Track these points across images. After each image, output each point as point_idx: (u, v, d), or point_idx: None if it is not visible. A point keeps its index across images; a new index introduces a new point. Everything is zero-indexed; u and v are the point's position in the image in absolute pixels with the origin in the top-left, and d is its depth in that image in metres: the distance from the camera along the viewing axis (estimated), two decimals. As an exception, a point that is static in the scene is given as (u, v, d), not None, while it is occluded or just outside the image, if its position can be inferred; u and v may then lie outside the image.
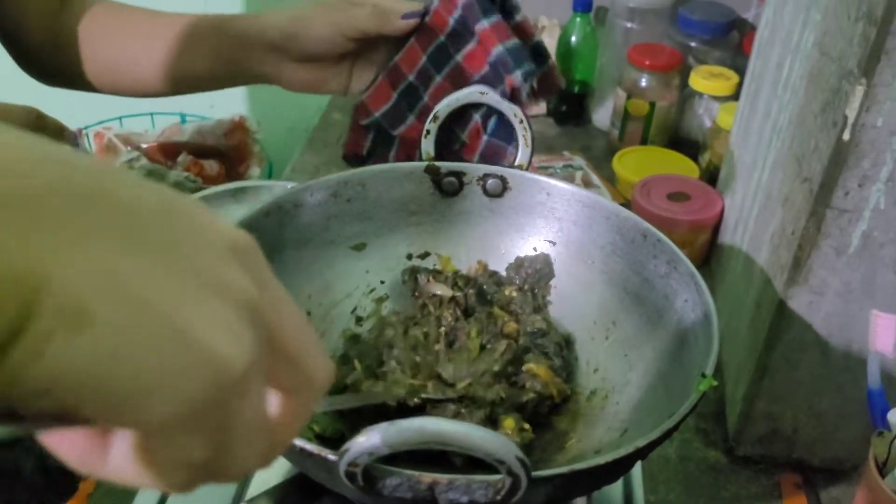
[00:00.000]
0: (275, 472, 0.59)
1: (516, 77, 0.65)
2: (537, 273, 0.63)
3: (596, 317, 0.60)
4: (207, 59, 0.75)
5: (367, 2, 0.69)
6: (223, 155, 1.30)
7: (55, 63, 0.78)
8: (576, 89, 1.22)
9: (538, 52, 0.67)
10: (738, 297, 0.79)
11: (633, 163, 1.07)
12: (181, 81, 0.79)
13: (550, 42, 1.24)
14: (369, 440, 0.36)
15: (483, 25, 0.64)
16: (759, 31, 0.87)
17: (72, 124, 1.41)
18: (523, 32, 0.66)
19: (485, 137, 0.69)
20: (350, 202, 0.65)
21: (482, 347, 0.57)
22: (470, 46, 0.68)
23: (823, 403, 0.69)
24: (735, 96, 1.06)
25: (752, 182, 0.80)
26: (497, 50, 0.65)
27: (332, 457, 0.39)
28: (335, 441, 0.55)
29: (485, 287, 0.63)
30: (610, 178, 1.09)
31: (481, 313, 0.60)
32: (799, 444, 0.72)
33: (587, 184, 1.07)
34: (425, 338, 0.59)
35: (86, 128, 1.40)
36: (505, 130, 0.69)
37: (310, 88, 0.73)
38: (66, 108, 1.16)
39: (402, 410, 0.55)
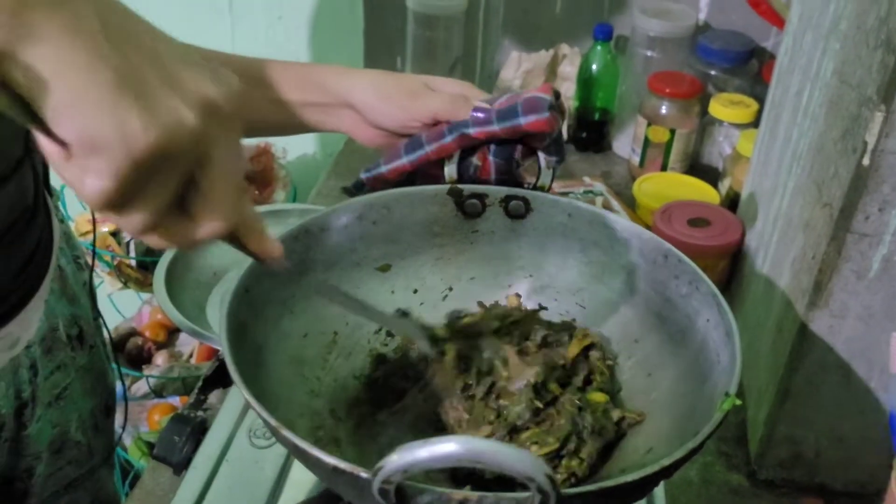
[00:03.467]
0: (301, 489, 0.60)
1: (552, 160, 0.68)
2: None
3: (618, 336, 0.61)
4: (290, 111, 0.76)
5: (445, 89, 0.72)
6: (249, 179, 1.32)
7: None
8: (596, 116, 1.24)
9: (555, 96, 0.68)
10: (758, 321, 0.79)
11: (654, 189, 1.08)
12: (253, 127, 0.78)
13: (571, 70, 1.26)
14: (403, 458, 0.37)
15: (530, 119, 0.66)
16: (778, 60, 0.88)
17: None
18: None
19: (490, 158, 0.70)
20: (375, 224, 0.66)
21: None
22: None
23: (845, 427, 0.69)
24: (755, 123, 1.07)
25: (773, 208, 0.81)
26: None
27: (364, 475, 0.40)
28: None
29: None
30: (630, 204, 1.10)
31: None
32: (821, 467, 0.72)
33: (607, 209, 1.09)
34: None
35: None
36: (505, 150, 0.70)
37: (380, 146, 0.76)
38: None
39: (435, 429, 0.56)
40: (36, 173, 0.71)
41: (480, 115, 0.66)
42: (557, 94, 0.68)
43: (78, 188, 0.36)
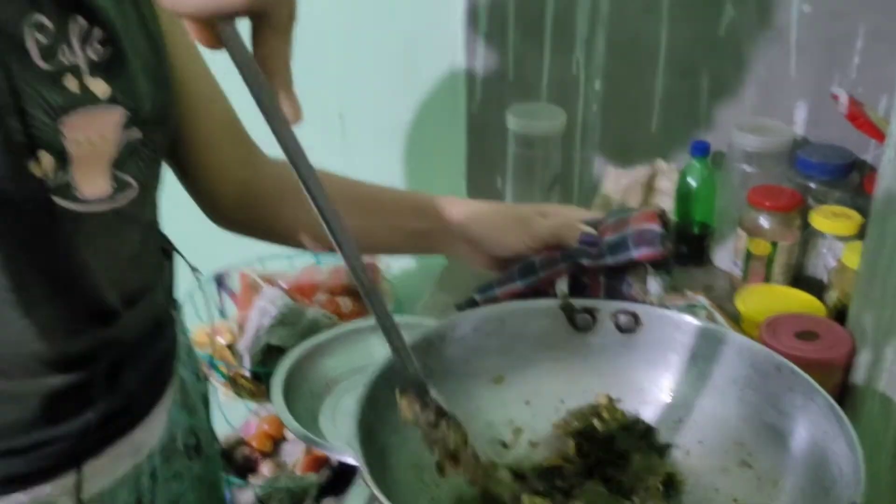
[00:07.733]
0: None
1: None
2: None
3: (732, 449, 0.61)
4: (405, 237, 0.82)
5: (559, 212, 0.77)
6: (356, 294, 1.38)
7: (242, 215, 0.84)
8: (695, 230, 1.25)
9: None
10: (875, 439, 0.77)
11: (757, 302, 1.07)
12: (368, 248, 0.85)
13: (668, 185, 1.29)
14: None
15: (642, 252, 0.70)
16: (880, 171, 0.89)
17: (218, 265, 1.53)
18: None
19: (601, 279, 0.73)
20: (489, 336, 0.69)
21: None
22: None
23: (978, 550, 0.66)
24: (859, 235, 1.07)
25: (884, 320, 0.80)
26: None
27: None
28: None
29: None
30: (734, 318, 1.09)
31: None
32: None
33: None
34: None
35: (231, 268, 1.51)
36: (615, 272, 0.73)
37: (493, 270, 0.81)
38: (213, 249, 1.27)
39: None
40: (165, 288, 0.77)
41: (592, 249, 0.70)
42: (663, 212, 0.71)
43: None
